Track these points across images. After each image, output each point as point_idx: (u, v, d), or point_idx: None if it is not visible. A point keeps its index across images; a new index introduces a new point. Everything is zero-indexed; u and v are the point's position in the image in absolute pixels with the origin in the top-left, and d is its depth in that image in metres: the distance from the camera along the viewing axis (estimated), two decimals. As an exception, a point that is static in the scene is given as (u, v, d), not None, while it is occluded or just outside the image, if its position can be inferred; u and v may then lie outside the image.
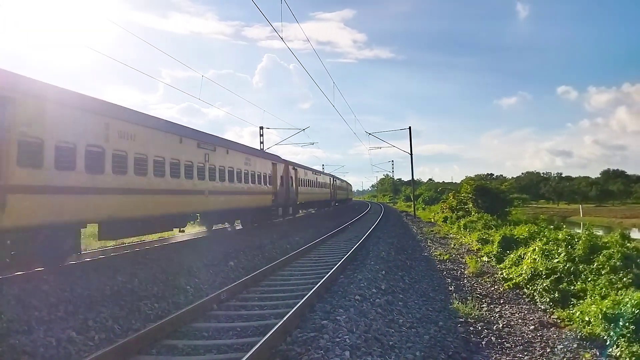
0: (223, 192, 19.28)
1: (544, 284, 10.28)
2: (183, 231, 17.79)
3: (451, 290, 11.17)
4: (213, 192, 18.25)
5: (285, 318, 6.88)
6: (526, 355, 7.00)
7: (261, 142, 38.42)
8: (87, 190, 10.91)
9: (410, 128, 43.18)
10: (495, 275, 12.97)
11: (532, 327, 8.38)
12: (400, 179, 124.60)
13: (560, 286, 9.92)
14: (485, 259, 15.96)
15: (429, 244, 21.19)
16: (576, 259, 11.01)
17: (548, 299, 9.82)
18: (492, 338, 7.70)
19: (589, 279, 9.81)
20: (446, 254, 17.11)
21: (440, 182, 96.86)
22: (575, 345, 7.29)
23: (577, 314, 8.33)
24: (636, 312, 6.94)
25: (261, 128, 38.84)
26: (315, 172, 43.26)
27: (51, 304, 8.05)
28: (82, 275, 10.09)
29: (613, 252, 10.43)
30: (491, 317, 9.05)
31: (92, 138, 11.25)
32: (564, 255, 11.27)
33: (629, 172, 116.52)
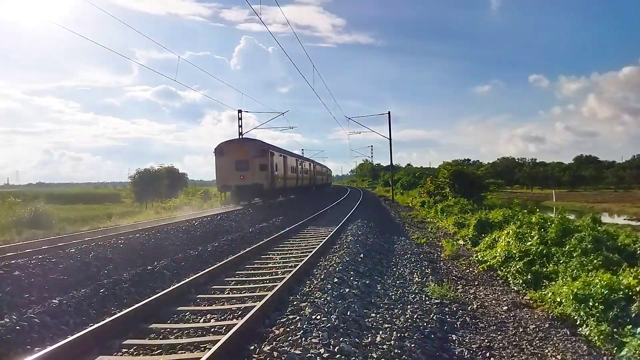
0: None
1: (517, 266, 10.50)
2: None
3: (428, 272, 11.34)
4: None
5: (263, 301, 6.89)
6: (499, 334, 7.18)
7: (240, 126, 38.00)
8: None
9: (389, 113, 43.18)
10: (471, 258, 13.22)
11: (505, 307, 8.58)
12: (379, 164, 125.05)
13: (533, 268, 10.15)
14: (461, 242, 16.25)
15: (406, 228, 21.43)
16: (549, 241, 11.28)
17: (521, 281, 10.05)
18: (466, 318, 7.86)
19: (561, 261, 10.06)
20: (423, 238, 17.34)
21: (418, 167, 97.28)
22: (547, 325, 7.51)
23: (549, 295, 8.56)
24: (605, 292, 7.16)
25: (240, 111, 38.38)
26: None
27: (23, 289, 7.88)
28: (56, 259, 9.89)
29: (584, 235, 10.70)
30: (466, 298, 9.24)
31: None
32: (537, 238, 11.53)
33: (601, 158, 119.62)
